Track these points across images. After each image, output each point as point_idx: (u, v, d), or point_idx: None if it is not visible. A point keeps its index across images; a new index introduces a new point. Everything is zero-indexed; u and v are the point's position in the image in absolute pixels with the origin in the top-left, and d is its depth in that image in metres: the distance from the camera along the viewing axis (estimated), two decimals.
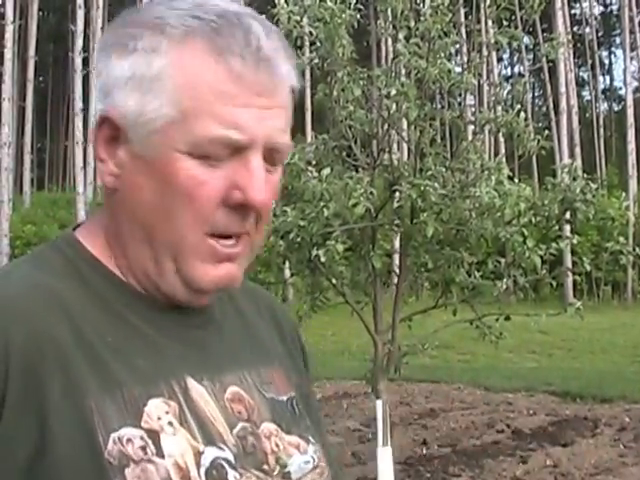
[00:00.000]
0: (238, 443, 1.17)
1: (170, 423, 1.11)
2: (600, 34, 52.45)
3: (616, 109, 52.21)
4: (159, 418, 1.10)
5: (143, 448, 1.07)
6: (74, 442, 1.05)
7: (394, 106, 6.03)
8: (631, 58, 39.71)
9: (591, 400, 11.33)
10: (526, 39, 40.60)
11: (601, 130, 42.99)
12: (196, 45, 1.10)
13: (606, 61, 56.70)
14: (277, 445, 1.21)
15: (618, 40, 50.55)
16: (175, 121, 1.10)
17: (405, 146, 7.53)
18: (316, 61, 6.26)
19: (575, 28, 47.25)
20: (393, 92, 5.95)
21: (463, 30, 11.70)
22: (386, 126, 6.28)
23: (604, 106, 51.92)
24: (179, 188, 1.11)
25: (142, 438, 1.08)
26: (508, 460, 8.19)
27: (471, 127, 6.86)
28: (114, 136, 1.14)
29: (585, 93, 51.97)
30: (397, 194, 6.09)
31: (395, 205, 6.23)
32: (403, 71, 6.44)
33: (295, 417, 1.29)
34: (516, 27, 6.65)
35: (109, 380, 1.09)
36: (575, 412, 10.47)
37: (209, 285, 1.17)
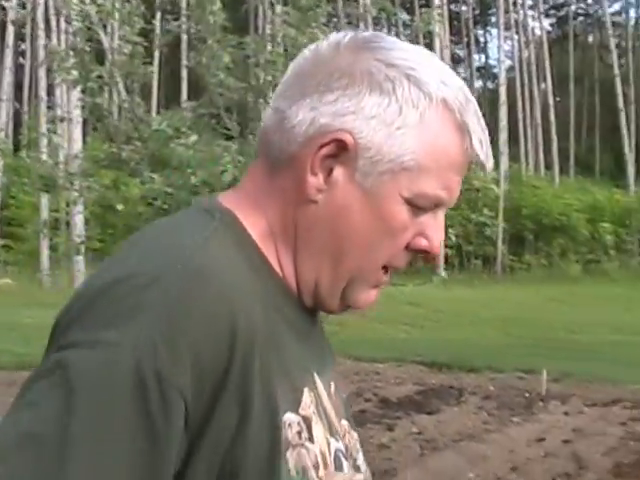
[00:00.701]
0: (345, 436, 1.30)
1: (314, 412, 1.21)
2: (476, 12, 53.35)
3: (490, 87, 53.28)
4: (309, 407, 1.20)
5: (299, 433, 1.17)
6: (263, 428, 1.11)
7: (262, 74, 6.03)
8: (505, 37, 40.51)
9: (457, 370, 11.62)
10: (404, 15, 41.01)
11: None
12: (448, 115, 1.22)
13: (482, 39, 57.84)
14: (349, 441, 1.32)
15: (493, 19, 51.55)
16: (409, 171, 1.20)
17: None
18: (192, 30, 6.21)
19: (452, 6, 47.96)
20: (262, 60, 5.95)
21: (340, 2, 11.73)
22: (255, 95, 6.26)
23: (479, 84, 52.98)
24: (390, 227, 1.22)
25: (299, 424, 1.17)
26: (375, 428, 8.32)
27: None
28: (334, 155, 1.20)
29: (461, 70, 52.79)
30: None
31: None
32: (279, 40, 6.43)
33: (351, 413, 1.41)
34: (392, 2, 6.70)
35: (282, 367, 1.17)
36: (442, 381, 10.72)
37: (363, 307, 1.29)
